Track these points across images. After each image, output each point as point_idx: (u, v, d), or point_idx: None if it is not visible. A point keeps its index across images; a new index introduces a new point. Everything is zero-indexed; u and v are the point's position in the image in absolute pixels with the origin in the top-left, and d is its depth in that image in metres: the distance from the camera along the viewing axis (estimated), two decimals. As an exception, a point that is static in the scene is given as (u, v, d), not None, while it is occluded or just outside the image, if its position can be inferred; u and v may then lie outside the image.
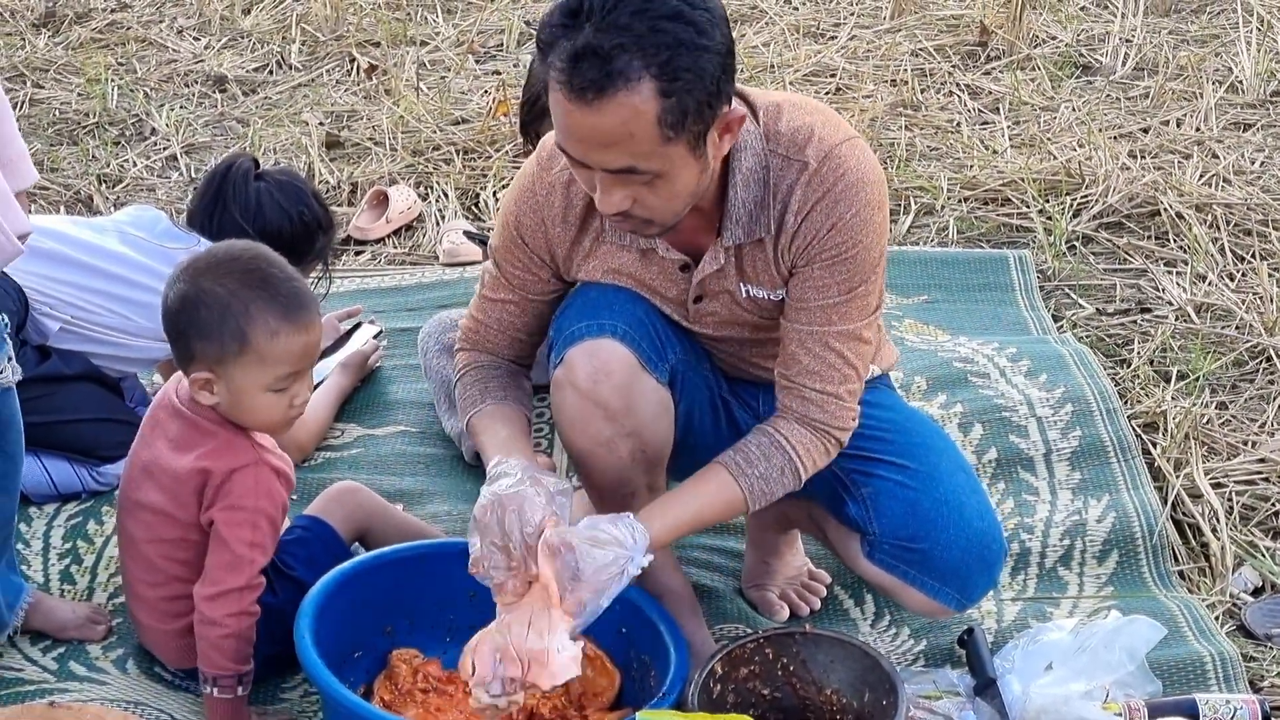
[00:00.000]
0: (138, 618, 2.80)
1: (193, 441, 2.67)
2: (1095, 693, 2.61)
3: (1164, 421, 3.45)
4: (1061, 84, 5.26)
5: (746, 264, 2.55)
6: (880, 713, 2.55)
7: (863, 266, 2.48)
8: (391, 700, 2.65)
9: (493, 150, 4.84)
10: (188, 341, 2.62)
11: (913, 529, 2.62)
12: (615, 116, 2.24)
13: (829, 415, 2.53)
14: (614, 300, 2.60)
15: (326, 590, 2.65)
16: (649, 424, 2.60)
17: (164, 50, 5.70)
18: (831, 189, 2.44)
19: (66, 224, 3.42)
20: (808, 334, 2.51)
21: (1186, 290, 4.02)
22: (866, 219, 2.46)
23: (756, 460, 2.53)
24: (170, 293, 2.65)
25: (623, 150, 2.28)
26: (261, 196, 3.46)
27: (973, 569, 2.63)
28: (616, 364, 2.55)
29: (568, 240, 2.60)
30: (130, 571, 2.78)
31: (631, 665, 2.70)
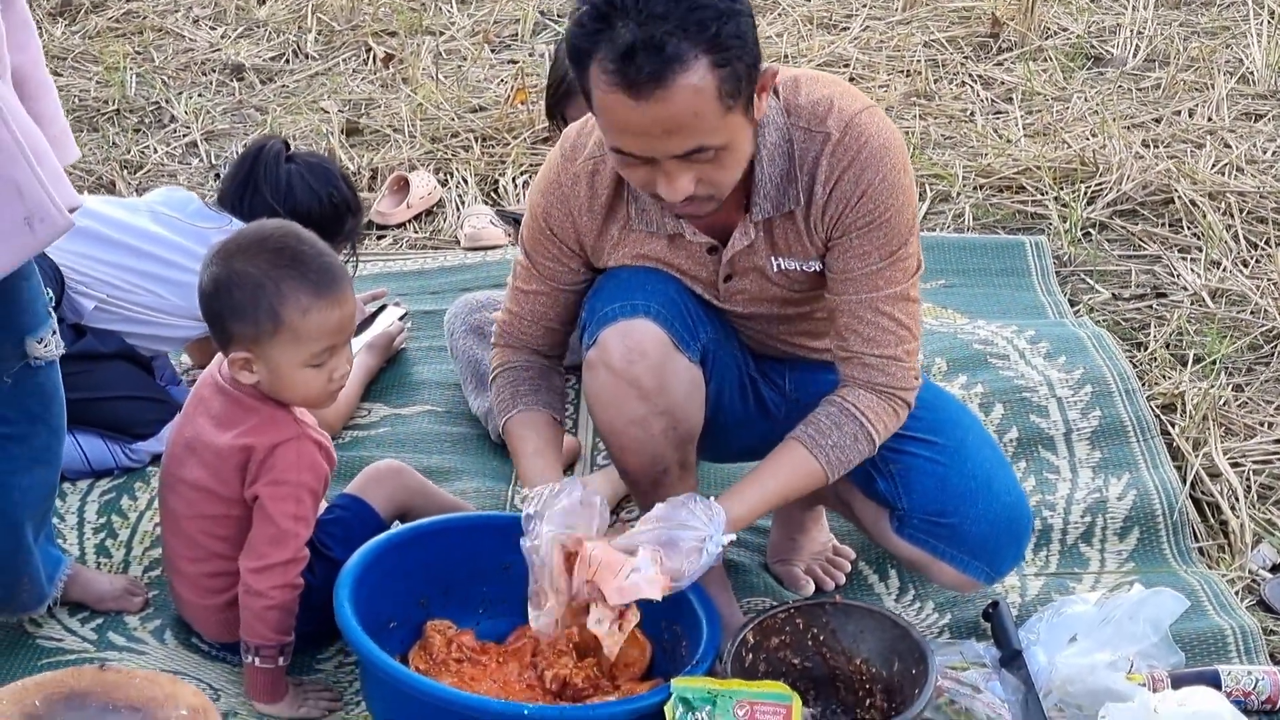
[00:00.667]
0: (179, 592, 2.84)
1: (235, 418, 2.71)
2: (1119, 663, 2.65)
3: (1182, 402, 3.49)
4: (1073, 75, 5.30)
5: (778, 237, 2.59)
6: (910, 681, 2.59)
7: (898, 229, 2.52)
8: (427, 670, 2.67)
9: (511, 137, 4.88)
10: (224, 323, 2.67)
11: (942, 504, 2.66)
12: (679, 101, 2.27)
13: (891, 378, 2.57)
14: (646, 281, 2.63)
15: (363, 562, 2.68)
16: (681, 403, 2.64)
17: (180, 39, 5.74)
18: (856, 157, 2.49)
19: (100, 203, 3.45)
20: (857, 303, 2.55)
21: (1201, 276, 4.06)
22: (894, 182, 2.50)
23: (829, 430, 2.57)
24: (204, 276, 2.69)
25: (690, 132, 2.31)
26: (292, 178, 3.51)
27: (1002, 542, 2.68)
28: (650, 344, 2.59)
29: (594, 230, 2.64)
30: (172, 547, 2.82)
31: (663, 636, 2.74)
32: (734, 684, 2.48)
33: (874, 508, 2.76)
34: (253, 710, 2.69)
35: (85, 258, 3.27)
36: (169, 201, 3.49)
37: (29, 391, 2.60)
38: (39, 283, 2.57)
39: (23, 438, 2.62)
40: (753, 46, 2.32)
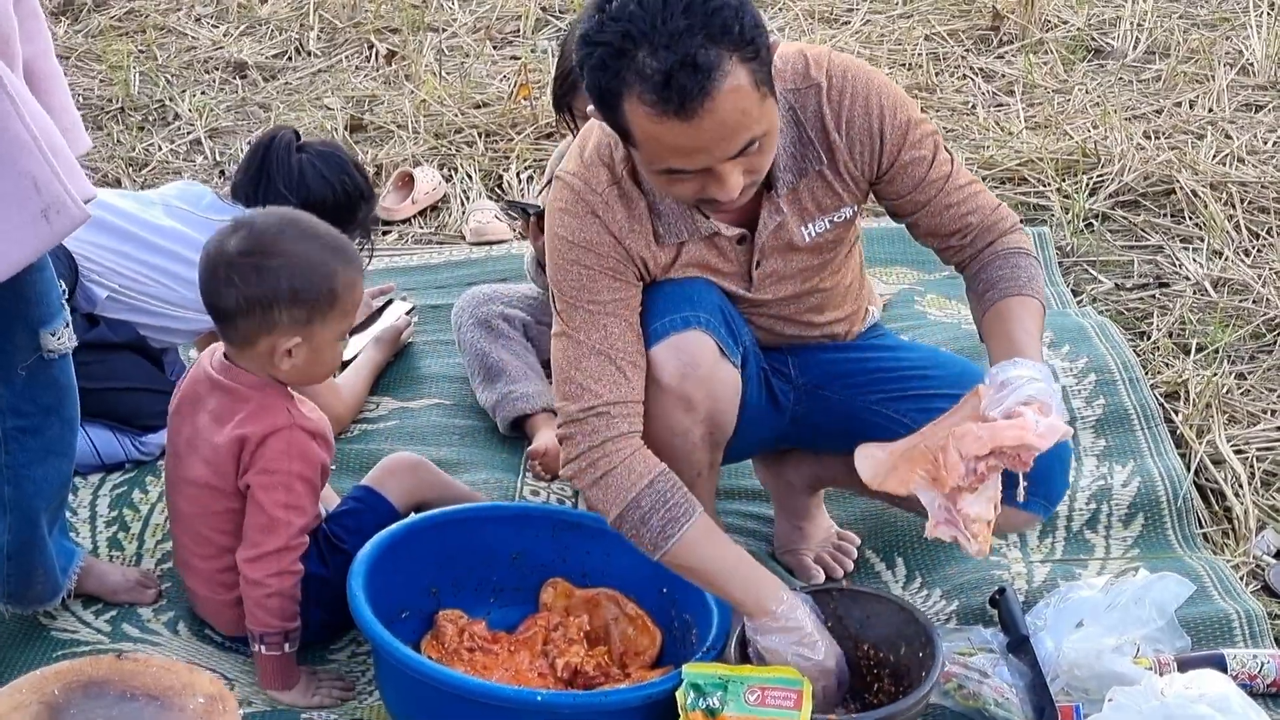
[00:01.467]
0: (192, 587, 2.87)
1: (231, 410, 2.74)
2: (1125, 647, 2.67)
3: (1185, 391, 3.52)
4: (1074, 67, 5.32)
5: (805, 201, 2.63)
6: (917, 665, 2.61)
7: (918, 125, 2.63)
8: (439, 658, 2.69)
9: (514, 133, 4.90)
10: (273, 311, 2.67)
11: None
12: (728, 107, 2.28)
13: (1007, 218, 2.72)
14: (692, 292, 2.62)
15: (375, 552, 2.71)
16: (722, 409, 2.66)
17: (183, 37, 5.76)
18: (853, 92, 2.56)
19: (113, 196, 3.48)
20: (946, 196, 2.66)
21: (1203, 266, 4.08)
22: (892, 93, 2.60)
23: (1018, 274, 2.64)
24: (232, 274, 2.68)
25: (741, 131, 2.33)
26: (304, 167, 3.53)
27: (1054, 470, 2.72)
28: (703, 356, 2.59)
29: (643, 241, 2.59)
30: (182, 545, 2.85)
31: (673, 625, 2.76)
32: (745, 669, 2.50)
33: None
34: (267, 700, 2.71)
35: (98, 247, 3.30)
36: (183, 195, 3.52)
37: (43, 384, 2.62)
38: (53, 275, 2.59)
39: (37, 430, 2.64)
40: (763, 27, 2.35)
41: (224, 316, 2.73)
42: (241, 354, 2.75)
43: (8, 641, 2.82)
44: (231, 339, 2.75)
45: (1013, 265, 2.66)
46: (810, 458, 3.00)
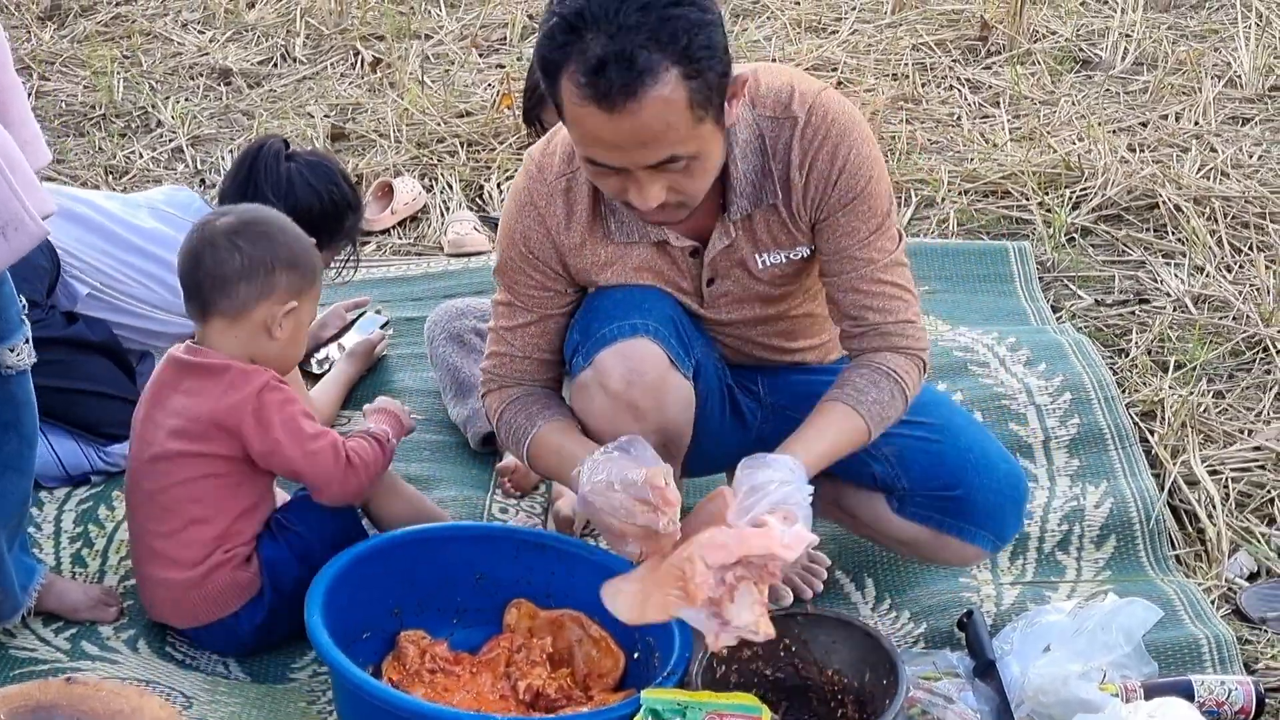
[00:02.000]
0: (150, 577, 2.85)
1: (209, 382, 2.80)
2: (1092, 673, 2.64)
3: (1161, 410, 3.49)
4: (1061, 78, 5.29)
5: (760, 232, 2.60)
6: (881, 692, 2.59)
7: (879, 198, 2.56)
8: (399, 680, 2.68)
9: (497, 143, 4.88)
10: (272, 274, 2.81)
11: (944, 478, 2.68)
12: (651, 113, 2.27)
13: (911, 340, 2.62)
14: (643, 299, 2.62)
15: (335, 572, 2.69)
16: (674, 419, 2.64)
17: (169, 43, 5.74)
18: (826, 137, 2.52)
19: (100, 197, 3.50)
20: (857, 279, 2.58)
21: (1184, 282, 4.06)
22: (866, 154, 2.54)
23: (866, 389, 2.58)
24: (236, 239, 2.82)
25: (662, 143, 2.31)
26: (292, 176, 3.53)
27: (1006, 509, 2.72)
28: (650, 364, 2.58)
29: (575, 246, 2.62)
30: (142, 534, 2.85)
31: (636, 647, 2.74)
32: (704, 695, 2.47)
33: (867, 495, 2.78)
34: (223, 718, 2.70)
35: (82, 244, 3.31)
36: (170, 200, 3.53)
37: (1, 400, 2.60)
38: (12, 291, 2.57)
39: (-7, 446, 2.63)
40: (723, 55, 2.33)
41: (221, 284, 2.80)
42: (231, 327, 2.82)
43: (-35, 660, 2.80)
44: (225, 310, 2.81)
45: (871, 381, 2.58)
46: None
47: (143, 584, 2.90)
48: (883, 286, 2.59)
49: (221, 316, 2.83)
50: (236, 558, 2.82)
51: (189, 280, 2.86)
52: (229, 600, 2.82)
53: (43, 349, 2.67)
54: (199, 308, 2.86)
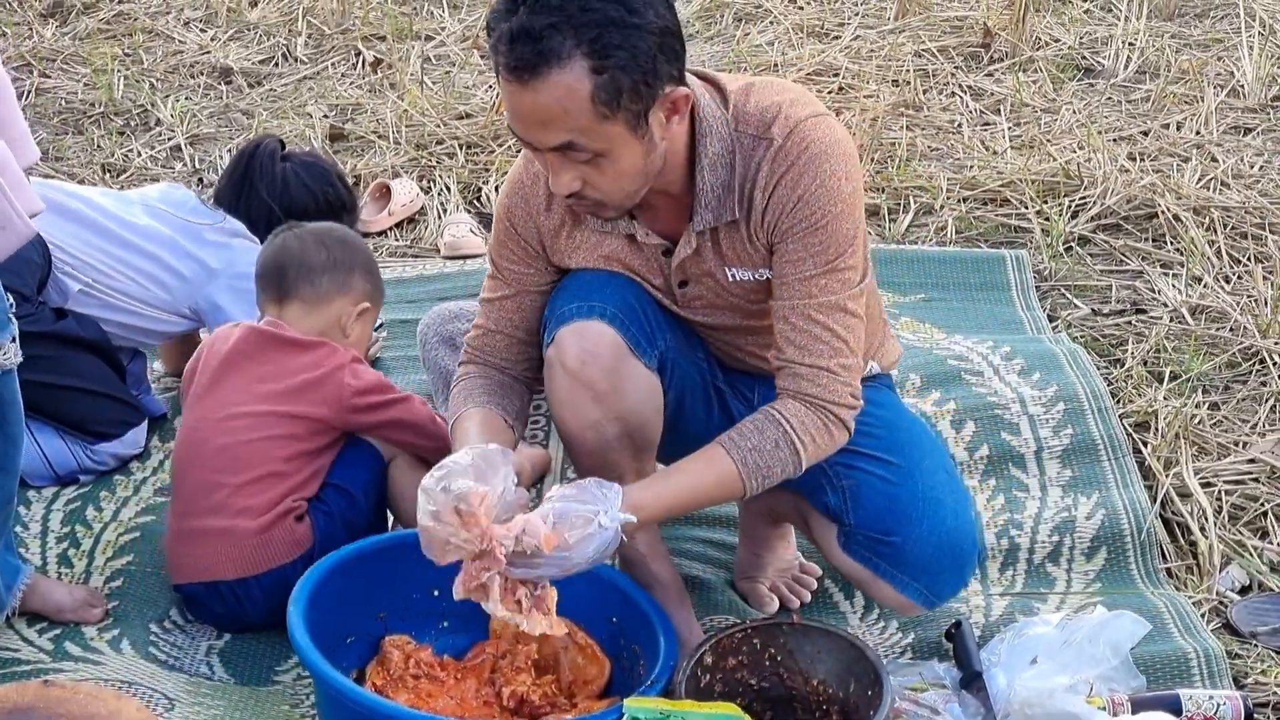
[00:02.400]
0: (208, 532, 2.87)
1: (299, 352, 2.95)
2: (1079, 686, 2.63)
3: (1155, 421, 3.47)
4: (1063, 86, 5.28)
5: (725, 246, 2.57)
6: (865, 703, 2.57)
7: (836, 237, 2.48)
8: (383, 685, 2.67)
9: (495, 145, 4.87)
10: (351, 274, 3.06)
11: (888, 523, 2.63)
12: (550, 95, 2.29)
13: (822, 389, 2.51)
14: (606, 284, 2.63)
15: (320, 576, 2.68)
16: (636, 408, 2.63)
17: (170, 41, 5.73)
18: (795, 163, 2.47)
19: (94, 193, 3.50)
20: (790, 309, 2.52)
21: (1182, 292, 4.04)
22: (833, 189, 2.47)
23: (750, 434, 2.52)
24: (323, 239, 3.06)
25: (560, 127, 2.32)
26: (288, 176, 3.54)
27: (943, 566, 2.65)
28: (604, 347, 2.58)
29: (552, 227, 2.65)
30: (207, 491, 2.89)
31: (622, 654, 2.73)
32: (686, 704, 2.47)
33: (824, 523, 2.75)
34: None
35: (75, 240, 3.32)
36: (166, 198, 3.53)
37: (-15, 400, 2.59)
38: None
39: (-22, 445, 2.61)
40: (644, 63, 2.31)
41: (306, 271, 3.01)
42: (308, 315, 3.01)
43: (-52, 659, 2.79)
44: (306, 296, 3.01)
45: (758, 428, 2.51)
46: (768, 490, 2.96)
47: (193, 541, 2.90)
48: (811, 325, 2.50)
49: (302, 303, 3.02)
50: (298, 511, 2.90)
51: (273, 265, 3.05)
52: (286, 551, 2.87)
53: (31, 344, 2.66)
54: (278, 292, 3.03)
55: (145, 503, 3.27)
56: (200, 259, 3.44)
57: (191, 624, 2.96)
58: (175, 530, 2.95)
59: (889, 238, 4.35)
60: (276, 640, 2.85)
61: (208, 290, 3.43)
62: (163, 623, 2.95)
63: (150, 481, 3.34)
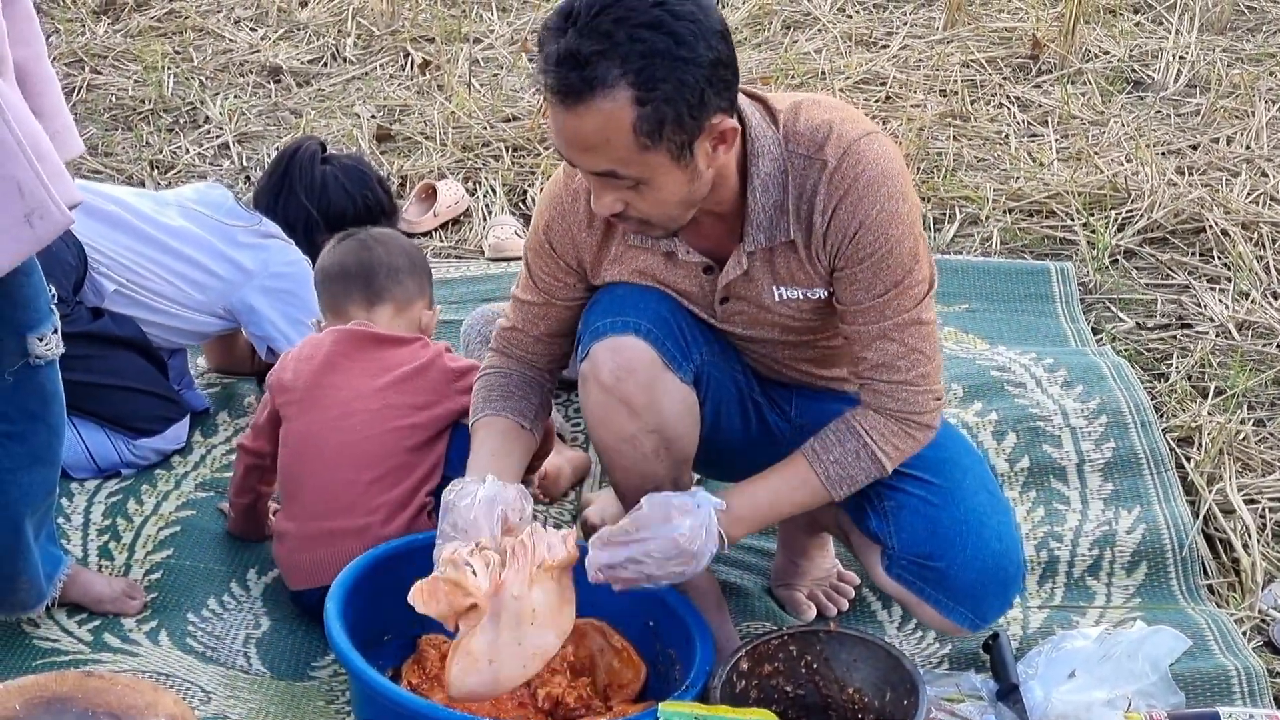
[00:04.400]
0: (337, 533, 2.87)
1: (399, 347, 3.01)
2: (1117, 701, 2.62)
3: (1199, 436, 3.45)
4: (1112, 99, 5.25)
5: (779, 265, 2.56)
6: (901, 712, 2.56)
7: (900, 258, 2.49)
8: (419, 684, 2.67)
9: (542, 148, 4.88)
10: (425, 280, 3.16)
11: (930, 547, 2.61)
12: (593, 121, 2.26)
13: (903, 403, 2.55)
14: (640, 299, 2.61)
15: (358, 573, 2.68)
16: (672, 422, 2.62)
17: (220, 40, 5.77)
18: (852, 186, 2.45)
19: (130, 194, 3.50)
20: (867, 333, 2.53)
21: (1229, 307, 4.01)
22: (892, 212, 2.46)
23: (832, 446, 2.57)
24: (397, 241, 3.17)
25: (602, 155, 2.31)
26: (327, 179, 3.54)
27: (988, 590, 2.63)
28: (639, 361, 2.58)
29: (593, 245, 2.63)
30: (326, 487, 2.89)
31: (658, 659, 2.73)
32: (720, 710, 2.46)
33: (867, 542, 2.73)
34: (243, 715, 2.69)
35: (110, 241, 3.32)
36: (202, 199, 3.52)
37: (29, 390, 2.61)
38: (41, 280, 2.58)
39: (22, 436, 2.63)
40: (691, 95, 2.28)
41: (395, 274, 3.09)
42: (397, 316, 3.08)
43: (-11, 648, 2.81)
44: (397, 297, 3.09)
45: (839, 440, 2.57)
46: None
47: (323, 544, 2.88)
48: (889, 344, 2.52)
49: (393, 303, 3.09)
50: (430, 506, 2.90)
51: (359, 267, 3.09)
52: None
53: (69, 344, 2.67)
54: (368, 294, 3.08)
55: (186, 497, 3.29)
56: (235, 261, 3.44)
57: (230, 611, 2.98)
58: (299, 535, 2.93)
59: (934, 247, 4.34)
60: (314, 636, 2.87)
61: (243, 292, 3.44)
62: (200, 612, 2.97)
63: (191, 476, 3.36)
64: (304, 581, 2.92)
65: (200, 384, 3.65)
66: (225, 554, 3.14)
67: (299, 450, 2.96)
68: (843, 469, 2.56)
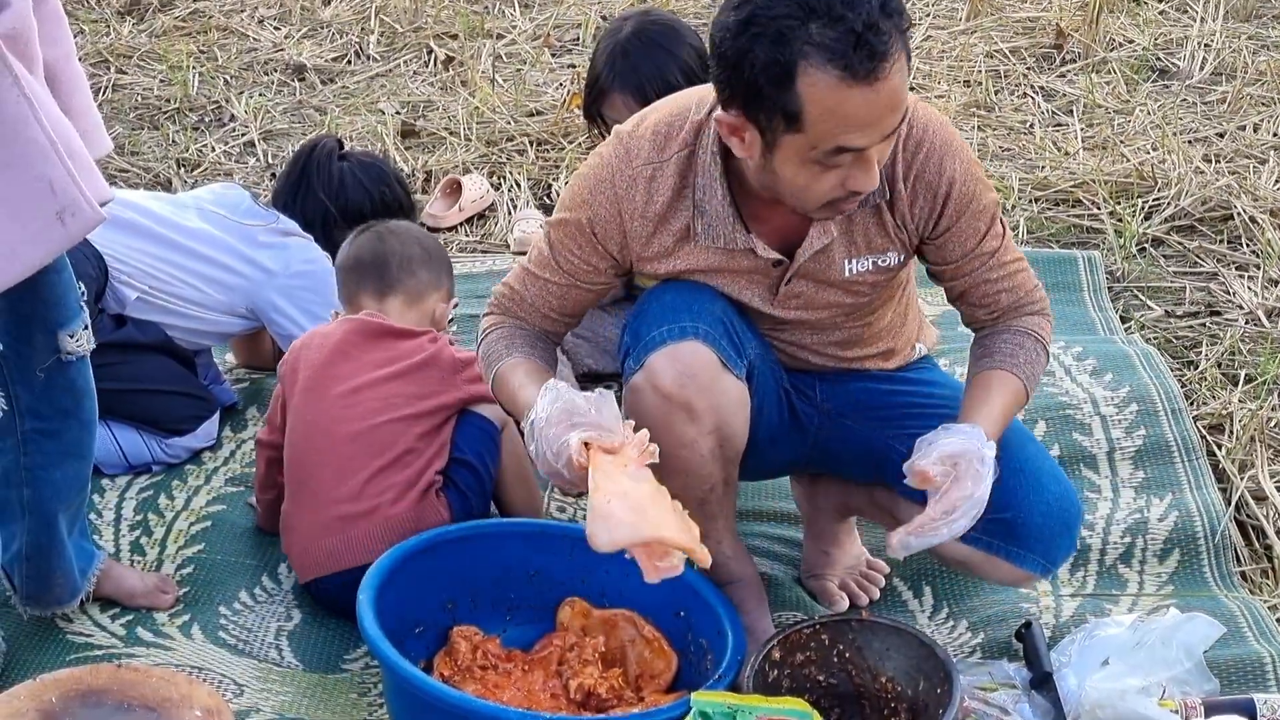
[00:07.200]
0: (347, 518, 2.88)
1: (405, 338, 3.03)
2: (1151, 689, 2.60)
3: (1230, 423, 3.43)
4: (1137, 87, 5.23)
5: (857, 234, 2.59)
6: (934, 701, 2.56)
7: (987, 198, 2.61)
8: (451, 675, 2.68)
9: (565, 141, 4.88)
10: (441, 272, 3.17)
11: (994, 500, 2.61)
12: (897, 78, 2.30)
13: (1039, 301, 2.72)
14: (693, 300, 2.60)
15: (390, 565, 2.69)
16: (729, 419, 2.62)
17: (245, 39, 5.78)
18: (929, 149, 2.54)
19: (147, 199, 3.50)
20: (988, 270, 2.65)
21: (1258, 294, 3.99)
22: (965, 158, 2.57)
23: (1015, 352, 2.65)
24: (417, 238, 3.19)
25: (902, 105, 2.36)
26: (344, 175, 3.55)
27: (1056, 532, 2.66)
28: (700, 365, 2.56)
29: (644, 235, 2.60)
30: (335, 474, 2.90)
31: (689, 648, 2.73)
32: (753, 699, 2.46)
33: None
34: (274, 707, 2.70)
35: (130, 248, 3.32)
36: (220, 200, 3.53)
37: (61, 386, 2.62)
38: (71, 277, 2.59)
39: (55, 433, 2.65)
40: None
41: (408, 265, 3.12)
42: (408, 308, 3.10)
43: (23, 643, 2.82)
44: (409, 288, 3.11)
45: (1016, 344, 2.66)
46: (838, 484, 2.95)
47: (334, 530, 2.89)
48: (1004, 269, 2.65)
49: (405, 295, 3.11)
50: (438, 484, 2.94)
51: (372, 258, 3.12)
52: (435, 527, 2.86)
53: (95, 355, 2.67)
54: (380, 286, 3.10)
55: (216, 492, 3.30)
56: (256, 261, 3.44)
57: (261, 604, 2.99)
58: (310, 524, 2.93)
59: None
60: (345, 628, 2.87)
61: (265, 291, 3.44)
62: (232, 605, 2.98)
63: (221, 471, 3.37)
64: (316, 570, 2.93)
65: (229, 380, 3.66)
66: (256, 548, 3.15)
67: (304, 441, 2.98)
68: (1033, 368, 2.66)
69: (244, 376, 3.73)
